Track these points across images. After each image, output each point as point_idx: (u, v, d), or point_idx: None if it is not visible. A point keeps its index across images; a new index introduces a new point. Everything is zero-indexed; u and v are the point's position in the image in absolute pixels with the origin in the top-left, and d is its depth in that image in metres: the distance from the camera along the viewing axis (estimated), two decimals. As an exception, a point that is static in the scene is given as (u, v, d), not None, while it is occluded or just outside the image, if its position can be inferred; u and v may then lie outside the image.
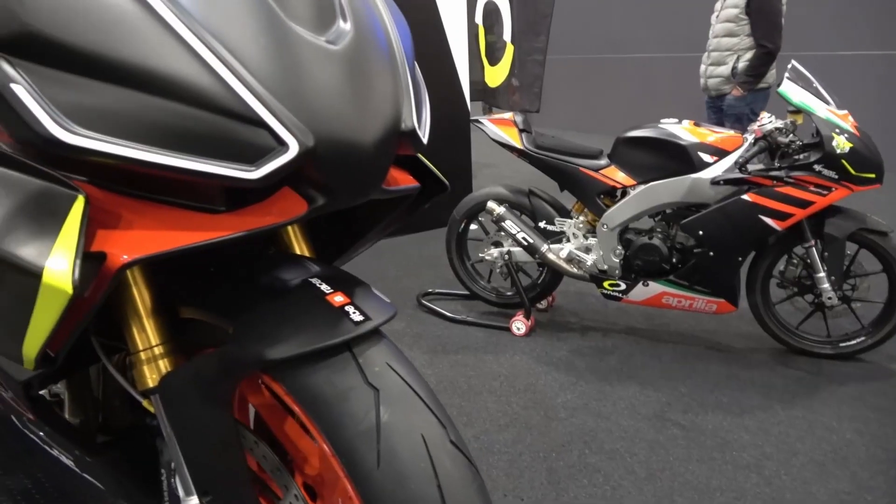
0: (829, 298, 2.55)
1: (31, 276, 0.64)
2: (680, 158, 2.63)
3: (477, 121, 3.13)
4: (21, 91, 0.62)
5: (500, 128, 2.99)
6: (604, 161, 2.83)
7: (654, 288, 2.78)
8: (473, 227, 3.22)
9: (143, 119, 0.63)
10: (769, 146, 2.50)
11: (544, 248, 2.91)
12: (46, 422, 1.03)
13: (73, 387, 1.16)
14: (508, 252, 3.05)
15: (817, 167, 2.44)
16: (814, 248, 2.55)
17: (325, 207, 0.72)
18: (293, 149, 0.65)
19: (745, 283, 2.72)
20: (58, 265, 0.63)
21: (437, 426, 0.71)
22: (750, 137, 2.57)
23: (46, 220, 0.65)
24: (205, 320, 0.81)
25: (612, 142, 2.82)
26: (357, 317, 0.74)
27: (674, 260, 2.74)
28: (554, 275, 3.03)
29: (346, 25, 0.74)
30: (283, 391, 0.75)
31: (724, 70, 3.87)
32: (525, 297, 3.04)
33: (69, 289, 0.63)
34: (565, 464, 2.09)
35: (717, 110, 4.00)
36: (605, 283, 2.86)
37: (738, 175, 2.52)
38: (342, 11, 0.75)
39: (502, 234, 3.05)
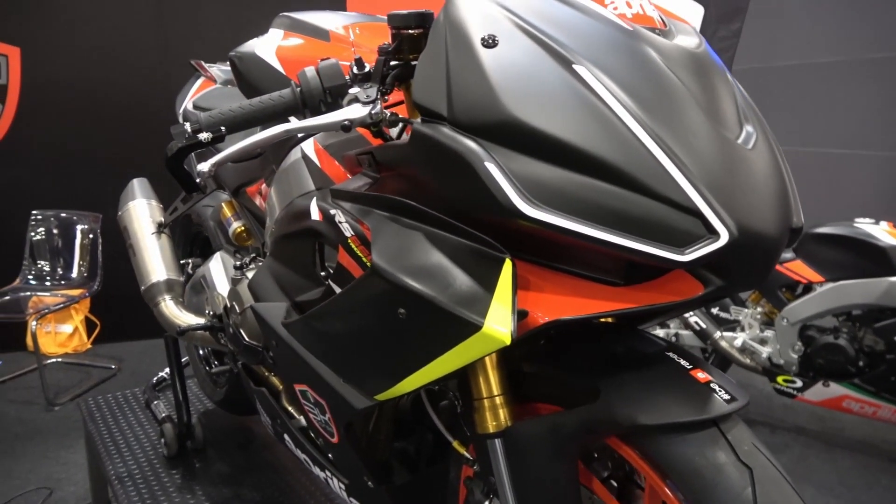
0: None
1: (468, 326, 0.75)
2: (877, 260, 2.56)
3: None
4: (493, 169, 0.74)
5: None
6: (789, 254, 2.79)
7: (836, 390, 2.67)
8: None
9: (592, 200, 0.73)
10: (981, 257, 2.40)
11: (717, 334, 2.88)
12: (353, 447, 1.15)
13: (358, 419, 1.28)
14: (676, 334, 3.04)
15: None
16: None
17: (718, 292, 0.77)
18: (723, 238, 0.71)
19: (941, 398, 2.56)
20: (497, 319, 0.74)
21: None
22: (958, 246, 2.47)
23: (481, 277, 0.77)
24: (554, 378, 0.91)
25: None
26: (724, 395, 0.80)
27: (860, 363, 2.63)
28: (722, 362, 2.98)
29: (749, 128, 0.82)
30: (636, 455, 0.83)
31: None
32: (689, 381, 2.99)
33: (507, 340, 0.74)
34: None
35: None
36: (780, 378, 2.78)
37: (945, 284, 2.42)
38: (744, 116, 0.84)
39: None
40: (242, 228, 1.66)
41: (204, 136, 0.93)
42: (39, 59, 3.44)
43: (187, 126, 0.95)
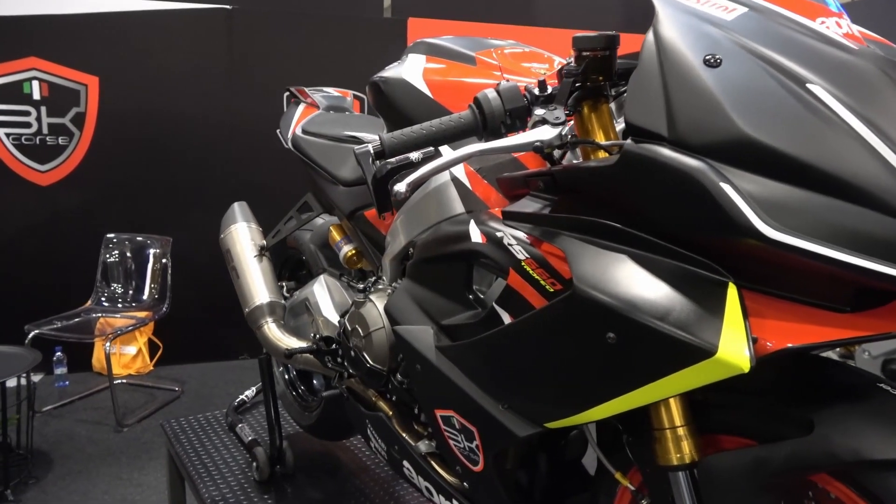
0: None
1: (698, 352, 0.72)
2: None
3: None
4: (729, 189, 0.72)
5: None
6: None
7: (925, 426, 2.58)
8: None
9: (833, 221, 0.70)
10: None
11: (796, 366, 2.81)
12: (498, 475, 1.13)
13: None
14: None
15: None
16: None
17: None
18: None
19: None
20: (732, 344, 0.71)
21: None
22: None
23: (703, 301, 0.74)
24: (749, 408, 0.87)
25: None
26: None
27: (951, 399, 2.55)
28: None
29: None
30: (852, 493, 0.79)
31: None
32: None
33: (747, 367, 0.71)
34: None
35: None
36: (863, 414, 2.70)
37: None
38: None
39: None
40: (354, 252, 1.66)
41: (415, 156, 0.93)
42: (116, 88, 3.53)
43: (370, 147, 0.95)
